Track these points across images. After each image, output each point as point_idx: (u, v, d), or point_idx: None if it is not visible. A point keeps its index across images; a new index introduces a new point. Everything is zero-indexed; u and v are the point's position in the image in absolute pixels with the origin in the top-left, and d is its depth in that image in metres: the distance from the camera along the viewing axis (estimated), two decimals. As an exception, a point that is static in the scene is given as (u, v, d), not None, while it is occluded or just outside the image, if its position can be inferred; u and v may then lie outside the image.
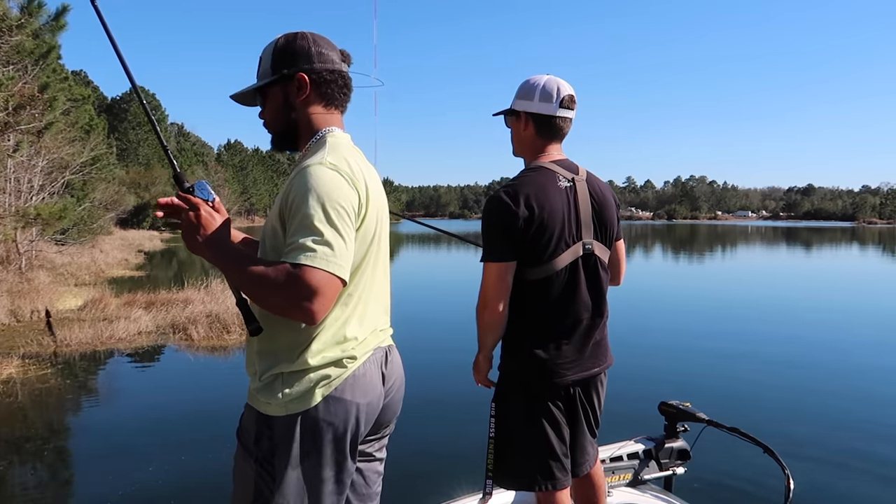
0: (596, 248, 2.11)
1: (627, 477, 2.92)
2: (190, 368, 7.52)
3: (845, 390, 6.60)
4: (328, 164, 1.51)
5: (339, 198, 1.48)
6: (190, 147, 78.27)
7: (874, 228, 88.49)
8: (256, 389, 1.58)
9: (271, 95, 1.68)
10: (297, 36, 1.67)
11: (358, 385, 1.59)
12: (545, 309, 2.05)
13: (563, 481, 2.09)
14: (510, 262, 2.01)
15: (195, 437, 5.07)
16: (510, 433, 2.11)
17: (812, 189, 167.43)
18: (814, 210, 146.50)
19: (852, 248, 38.61)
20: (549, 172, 2.09)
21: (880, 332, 10.16)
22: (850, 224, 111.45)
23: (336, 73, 1.69)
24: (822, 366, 7.78)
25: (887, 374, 7.32)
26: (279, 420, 1.54)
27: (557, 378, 2.06)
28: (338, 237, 1.45)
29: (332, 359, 1.56)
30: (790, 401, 6.17)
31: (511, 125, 2.21)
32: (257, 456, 1.57)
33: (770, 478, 3.74)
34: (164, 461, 4.54)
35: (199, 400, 6.22)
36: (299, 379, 1.53)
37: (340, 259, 1.44)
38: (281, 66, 1.64)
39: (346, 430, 1.57)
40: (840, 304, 13.46)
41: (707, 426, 2.97)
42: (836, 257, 30.16)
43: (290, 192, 1.51)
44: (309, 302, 1.40)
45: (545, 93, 2.10)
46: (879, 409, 5.92)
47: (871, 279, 19.70)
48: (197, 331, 8.98)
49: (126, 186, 46.32)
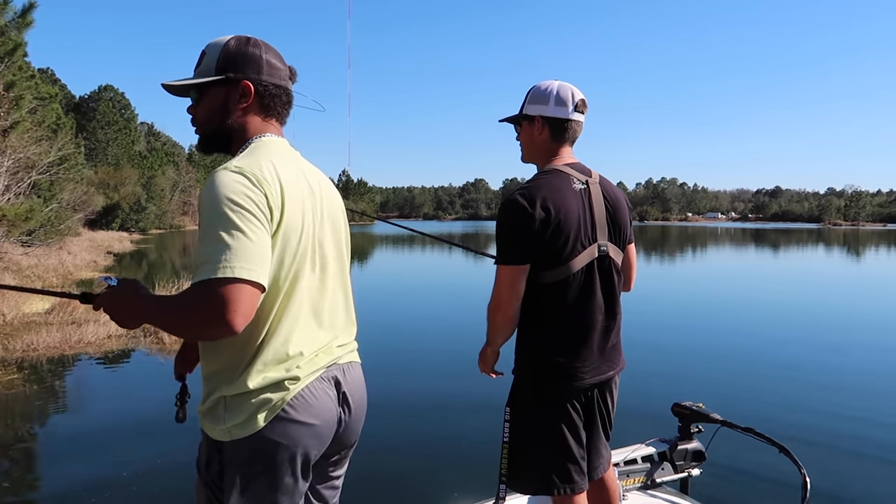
0: (610, 249, 2.13)
1: (642, 480, 2.91)
2: (161, 372, 7.38)
3: (861, 389, 6.56)
4: (232, 167, 1.45)
5: (239, 199, 1.39)
6: (160, 147, 77.05)
7: (839, 230, 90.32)
8: (202, 413, 1.54)
9: (209, 95, 1.60)
10: (250, 42, 1.61)
11: (306, 406, 1.51)
12: (561, 311, 2.05)
13: (581, 484, 2.09)
14: (524, 266, 2.01)
15: (168, 441, 4.93)
16: (526, 437, 2.10)
17: (780, 191, 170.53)
18: (781, 212, 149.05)
19: (834, 249, 39.31)
20: (564, 175, 2.10)
21: (894, 333, 10.20)
22: (817, 225, 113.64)
23: (281, 88, 1.65)
24: (838, 365, 7.75)
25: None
26: (227, 444, 1.50)
27: (576, 381, 2.06)
28: (241, 239, 1.35)
29: (273, 380, 1.48)
30: (805, 400, 6.14)
31: (523, 130, 2.22)
32: (207, 480, 1.54)
33: (786, 478, 3.71)
34: (136, 466, 4.44)
35: (170, 405, 6.06)
36: (241, 403, 1.47)
37: (247, 262, 1.34)
38: (227, 69, 1.58)
39: (295, 453, 1.50)
40: (845, 305, 13.51)
41: (721, 427, 2.94)
42: (825, 258, 30.62)
43: (199, 204, 1.45)
44: (224, 315, 1.31)
45: (560, 97, 2.13)
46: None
47: (870, 281, 19.81)
48: (168, 334, 8.80)
49: (95, 187, 45.44)
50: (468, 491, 2.94)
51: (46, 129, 21.37)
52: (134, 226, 51.38)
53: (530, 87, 2.21)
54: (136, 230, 51.11)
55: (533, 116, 2.16)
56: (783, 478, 3.87)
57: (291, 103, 1.70)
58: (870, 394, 6.40)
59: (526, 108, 2.18)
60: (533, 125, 2.17)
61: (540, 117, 2.15)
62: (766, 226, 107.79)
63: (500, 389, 2.31)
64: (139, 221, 52.22)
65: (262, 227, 1.40)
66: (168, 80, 1.62)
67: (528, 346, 2.10)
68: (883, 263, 27.76)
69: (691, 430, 3.03)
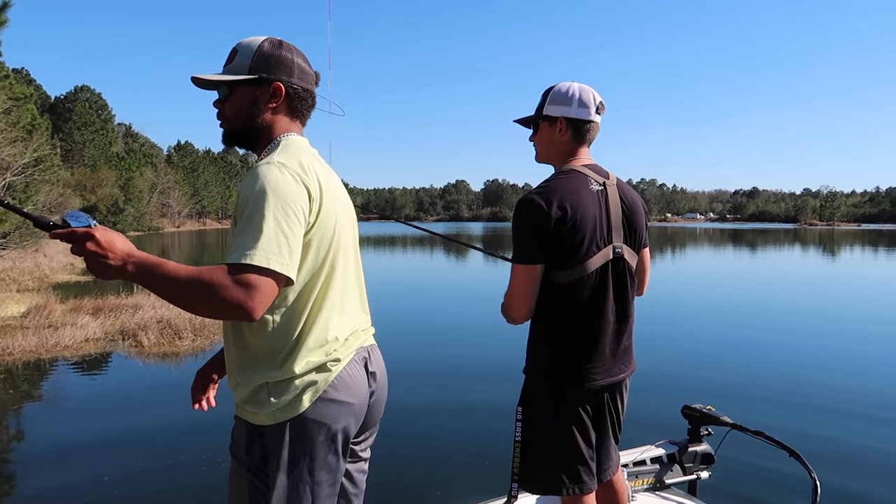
0: (625, 252, 2.12)
1: (651, 481, 2.91)
2: (140, 376, 7.27)
3: (873, 393, 6.48)
4: (276, 163, 1.52)
5: (284, 195, 1.47)
6: (138, 148, 76.31)
7: (815, 230, 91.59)
8: (243, 401, 1.57)
9: (240, 93, 1.66)
10: (283, 45, 1.69)
11: (345, 386, 1.60)
12: (574, 312, 2.05)
13: (589, 485, 2.11)
14: (539, 266, 2.01)
15: (148, 445, 4.89)
16: (538, 437, 2.11)
17: (757, 192, 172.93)
18: (758, 212, 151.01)
19: (813, 249, 39.79)
20: (582, 176, 2.10)
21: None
22: (793, 226, 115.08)
23: (308, 92, 1.72)
24: (850, 368, 7.63)
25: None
26: (269, 428, 1.54)
27: (587, 383, 2.06)
28: (280, 234, 1.43)
29: (316, 363, 1.56)
30: (816, 404, 6.05)
31: (542, 130, 2.21)
32: (249, 465, 1.56)
33: (796, 482, 3.70)
34: (116, 471, 4.36)
35: (150, 408, 5.98)
36: (286, 387, 1.53)
37: (283, 256, 1.43)
38: (260, 69, 1.64)
39: (336, 432, 1.58)
40: (853, 307, 13.38)
41: (731, 430, 2.93)
42: (819, 259, 30.81)
43: (240, 195, 1.51)
44: (245, 300, 1.38)
45: (583, 100, 2.14)
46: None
47: (867, 282, 19.71)
48: (147, 337, 8.68)
49: (71, 189, 44.82)
50: (478, 489, 2.91)
51: (21, 130, 21.01)
52: (111, 228, 50.74)
53: (547, 88, 2.21)
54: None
55: (556, 117, 2.16)
56: (793, 482, 3.86)
57: (314, 106, 1.78)
58: (881, 397, 6.32)
59: (547, 108, 2.18)
60: (555, 126, 2.17)
61: (563, 118, 2.15)
62: (743, 226, 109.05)
63: (511, 388, 2.29)
64: (117, 223, 51.67)
65: (299, 223, 1.48)
66: (198, 74, 1.67)
67: (540, 346, 2.10)
68: (872, 263, 28.07)
69: (701, 433, 3.02)
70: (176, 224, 75.50)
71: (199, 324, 9.21)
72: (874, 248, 38.59)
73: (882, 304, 13.88)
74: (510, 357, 2.29)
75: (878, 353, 8.53)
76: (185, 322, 9.08)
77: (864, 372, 7.43)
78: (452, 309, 13.21)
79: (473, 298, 14.28)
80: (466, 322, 11.31)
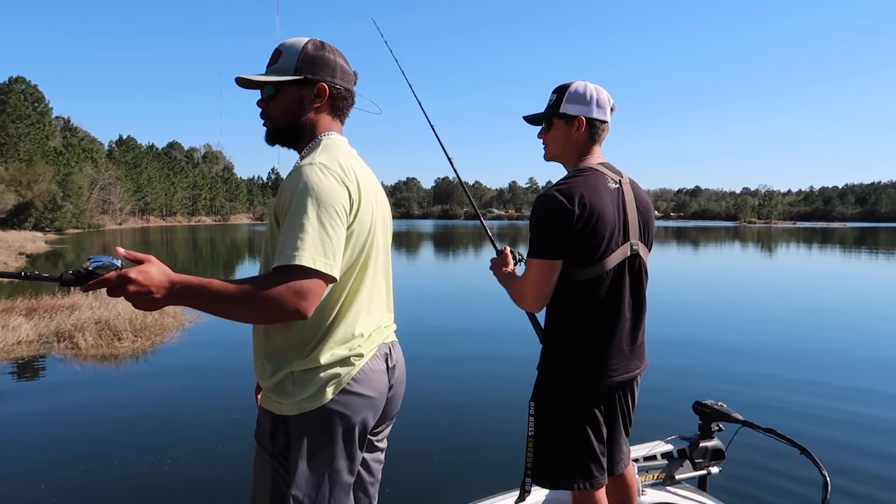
0: (640, 249, 2.16)
1: (661, 476, 2.91)
2: (78, 379, 6.95)
3: (886, 392, 6.48)
4: (318, 163, 1.57)
5: (328, 196, 1.53)
6: (78, 143, 73.66)
7: (753, 228, 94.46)
8: (268, 390, 1.64)
9: (286, 93, 1.71)
10: (326, 47, 1.75)
11: (366, 380, 1.67)
12: (593, 309, 2.07)
13: (600, 480, 2.14)
14: (557, 262, 2.02)
15: (86, 450, 4.72)
16: (551, 433, 2.13)
17: (699, 190, 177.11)
18: (701, 210, 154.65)
19: (805, 248, 40.99)
20: (599, 174, 2.13)
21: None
22: (733, 224, 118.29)
23: (349, 91, 1.79)
24: (865, 368, 7.62)
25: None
26: (293, 417, 1.60)
27: (604, 380, 2.08)
28: (325, 235, 1.49)
29: (340, 357, 1.62)
30: (828, 402, 6.04)
31: (557, 128, 2.22)
32: (273, 451, 1.63)
33: (807, 479, 3.75)
34: (55, 478, 4.20)
35: (88, 412, 5.76)
36: (310, 378, 1.60)
37: (328, 257, 1.49)
38: (305, 70, 1.70)
39: (356, 423, 1.65)
40: (854, 307, 13.20)
41: (743, 427, 2.95)
42: (810, 257, 31.64)
43: (282, 194, 1.57)
44: (299, 301, 1.44)
45: (600, 100, 2.19)
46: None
47: (864, 281, 19.46)
48: (85, 339, 8.32)
49: (5, 184, 43.08)
50: (491, 483, 2.90)
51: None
52: (49, 225, 49.00)
53: (561, 87, 2.23)
54: (52, 230, 48.78)
55: (574, 116, 2.18)
56: (803, 479, 3.92)
57: (354, 105, 1.84)
58: (893, 396, 6.34)
59: (565, 107, 2.19)
60: (572, 124, 2.19)
61: (583, 117, 2.18)
62: (686, 224, 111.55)
63: (523, 382, 2.30)
64: (55, 220, 49.86)
65: (341, 224, 1.54)
66: (243, 74, 1.71)
67: (558, 343, 2.12)
68: (840, 261, 29.00)
69: (712, 429, 3.03)
70: (118, 221, 73.26)
71: (140, 324, 8.94)
72: (809, 246, 40.04)
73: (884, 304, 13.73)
74: (521, 350, 2.29)
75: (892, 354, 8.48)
76: (124, 323, 8.79)
77: (880, 372, 7.42)
78: (452, 303, 13.23)
79: (470, 293, 14.42)
80: (471, 316, 11.39)
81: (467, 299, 14.12)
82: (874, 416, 5.70)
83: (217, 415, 5.72)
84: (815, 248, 37.72)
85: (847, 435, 5.16)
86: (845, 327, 10.62)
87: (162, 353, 8.22)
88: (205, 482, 4.26)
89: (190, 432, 5.26)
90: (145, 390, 6.59)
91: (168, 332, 9.27)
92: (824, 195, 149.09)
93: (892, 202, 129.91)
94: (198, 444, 4.96)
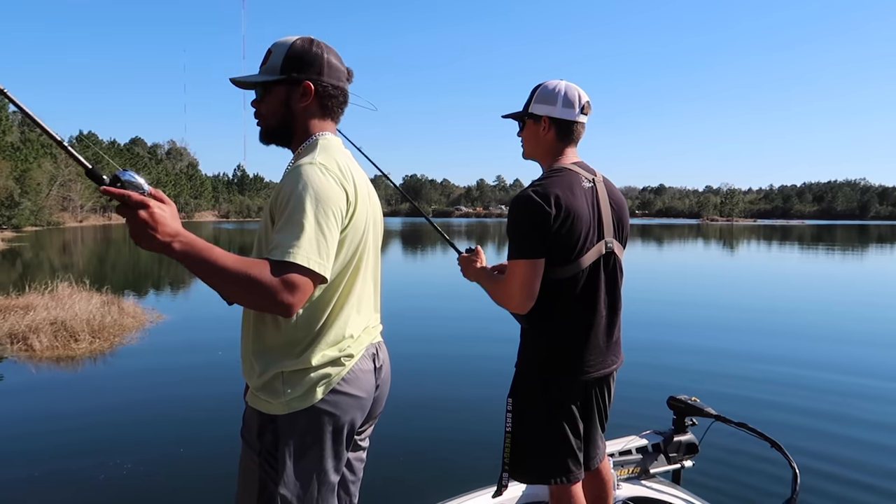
0: (615, 246, 2.17)
1: (636, 470, 2.96)
2: (32, 382, 6.77)
3: (854, 386, 6.62)
4: (317, 163, 1.58)
5: (326, 197, 1.53)
6: (36, 138, 71.51)
7: (716, 225, 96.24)
8: (256, 388, 1.63)
9: (273, 92, 1.72)
10: (314, 44, 1.73)
11: (356, 380, 1.68)
12: (570, 307, 2.08)
13: (577, 474, 2.16)
14: (541, 260, 2.01)
15: (39, 457, 4.58)
16: (527, 428, 2.14)
17: (663, 189, 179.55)
18: (665, 208, 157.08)
19: (793, 246, 41.63)
20: (573, 174, 2.13)
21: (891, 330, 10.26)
22: (696, 221, 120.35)
23: (339, 89, 1.77)
24: (830, 361, 7.83)
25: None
26: (282, 417, 1.60)
27: (581, 376, 2.10)
28: (321, 235, 1.50)
29: (331, 357, 1.63)
30: (798, 396, 6.20)
31: (528, 128, 2.23)
32: (260, 450, 1.63)
33: (777, 472, 3.82)
34: (5, 487, 4.07)
35: (44, 416, 5.61)
36: (301, 378, 1.60)
37: (322, 257, 1.49)
38: (290, 69, 1.69)
39: (345, 423, 1.67)
40: (844, 303, 13.48)
41: (715, 421, 3.02)
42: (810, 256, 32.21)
43: (280, 191, 1.56)
44: (287, 297, 1.44)
45: (568, 99, 2.16)
46: (890, 406, 5.98)
47: (825, 277, 20.04)
48: (39, 340, 8.07)
49: (-42, 180, 41.70)
50: (469, 479, 2.93)
51: None
52: (6, 223, 47.65)
53: (536, 85, 2.23)
54: (9, 227, 47.45)
55: (540, 116, 2.18)
56: (774, 471, 4.01)
57: (347, 103, 1.82)
58: (863, 391, 6.49)
59: (533, 106, 2.20)
60: (539, 124, 2.19)
61: (547, 118, 2.17)
62: (651, 221, 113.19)
63: (501, 380, 2.34)
64: (12, 218, 48.46)
65: (336, 225, 1.56)
66: (234, 76, 1.75)
67: (535, 341, 2.13)
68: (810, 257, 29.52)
69: (685, 424, 3.09)
70: (78, 218, 71.47)
71: (98, 325, 8.74)
72: (769, 243, 40.98)
73: (861, 302, 13.84)
74: (498, 347, 2.30)
75: (862, 351, 8.61)
76: (81, 324, 8.59)
77: (845, 365, 7.63)
78: (426, 301, 13.13)
79: (444, 290, 14.13)
80: (446, 315, 11.42)
81: (441, 296, 14.11)
82: (844, 410, 5.84)
83: (179, 416, 5.64)
84: (776, 245, 38.64)
85: (817, 428, 5.30)
86: (811, 323, 10.91)
87: (121, 354, 8.06)
88: (168, 486, 4.19)
89: (151, 435, 5.16)
90: (103, 393, 6.45)
91: (128, 333, 9.09)
92: (783, 193, 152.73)
93: (847, 200, 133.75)
94: (160, 446, 4.87)
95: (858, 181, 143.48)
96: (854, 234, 58.33)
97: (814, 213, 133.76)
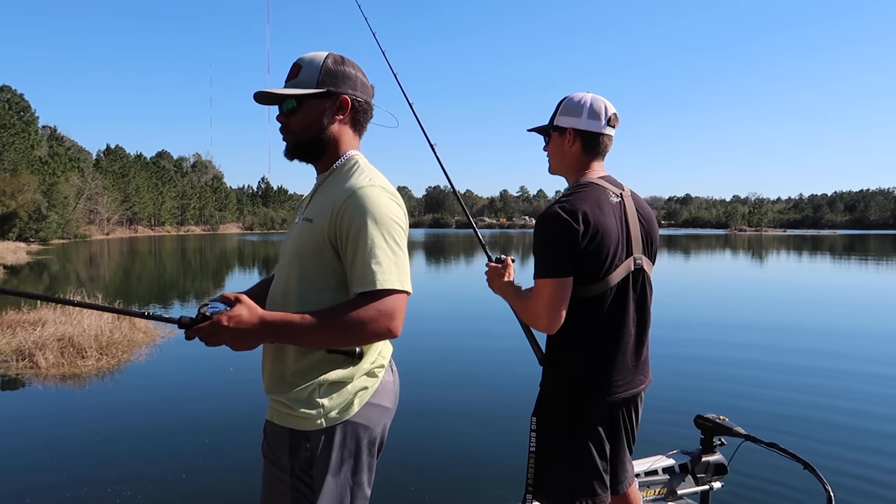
0: (644, 263, 2.11)
1: (663, 491, 2.88)
2: (33, 401, 6.54)
3: (892, 406, 6.27)
4: (379, 186, 1.62)
5: (396, 219, 1.60)
6: (64, 152, 73.03)
7: (744, 235, 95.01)
8: (290, 403, 1.60)
9: (308, 107, 1.70)
10: (346, 61, 1.75)
11: (385, 392, 1.71)
12: (598, 326, 2.02)
13: (603, 497, 2.10)
14: (569, 279, 1.96)
15: (45, 477, 4.40)
16: (553, 448, 2.09)
17: (690, 199, 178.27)
18: (691, 218, 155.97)
19: (791, 254, 40.96)
20: (601, 188, 2.08)
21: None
22: (724, 231, 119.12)
23: (369, 105, 1.79)
24: (867, 379, 7.37)
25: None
26: (316, 432, 1.59)
27: (609, 396, 2.05)
28: (401, 255, 1.57)
29: (366, 369, 1.66)
30: (832, 415, 5.89)
31: (554, 142, 2.20)
32: (292, 468, 1.60)
33: (810, 494, 3.69)
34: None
35: (49, 436, 5.38)
36: (338, 390, 1.61)
37: (405, 276, 1.57)
38: (328, 83, 1.69)
39: (377, 436, 1.69)
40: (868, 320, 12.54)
41: (745, 441, 2.91)
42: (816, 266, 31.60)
43: (343, 215, 1.57)
44: (391, 322, 1.51)
45: (594, 111, 2.11)
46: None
47: (859, 290, 19.23)
48: (45, 357, 7.84)
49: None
50: (490, 498, 2.89)
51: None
52: (34, 235, 48.54)
53: (562, 98, 2.19)
54: (37, 240, 48.29)
55: (565, 128, 2.14)
56: (807, 494, 3.81)
57: (372, 118, 1.83)
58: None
59: (558, 119, 2.16)
60: (564, 137, 2.15)
61: (572, 129, 2.13)
62: (677, 232, 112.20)
63: (524, 395, 2.29)
64: (39, 231, 49.38)
65: (405, 242, 1.63)
66: (263, 89, 1.69)
67: (562, 360, 2.07)
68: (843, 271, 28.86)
69: (714, 443, 3.01)
70: (105, 231, 72.66)
71: (106, 341, 8.51)
72: (799, 253, 40.09)
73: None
74: (522, 360, 2.39)
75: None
76: (89, 340, 8.34)
77: (883, 383, 7.21)
78: (450, 312, 12.99)
79: (468, 301, 14.00)
80: (470, 326, 11.23)
81: (466, 307, 13.87)
82: (878, 431, 5.53)
83: (187, 436, 5.39)
84: (807, 255, 37.78)
85: (851, 449, 5.03)
86: (846, 338, 10.33)
87: (128, 372, 7.82)
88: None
89: (152, 455, 4.89)
90: (103, 414, 6.17)
91: (137, 349, 8.87)
92: (814, 203, 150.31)
93: (881, 210, 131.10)
94: (165, 467, 4.60)
95: (892, 189, 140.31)
96: (888, 244, 56.82)
97: (845, 222, 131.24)
